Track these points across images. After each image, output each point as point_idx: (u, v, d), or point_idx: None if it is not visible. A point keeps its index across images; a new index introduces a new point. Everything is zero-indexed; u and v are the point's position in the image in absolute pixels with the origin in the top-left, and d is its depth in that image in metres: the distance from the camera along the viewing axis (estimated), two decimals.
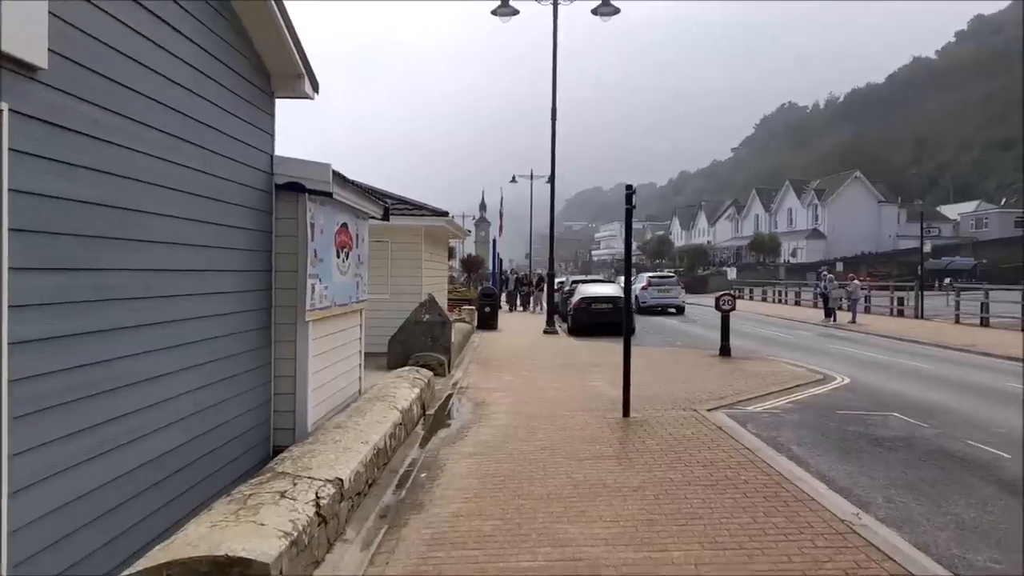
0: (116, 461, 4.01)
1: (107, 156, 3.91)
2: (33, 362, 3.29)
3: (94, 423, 3.80)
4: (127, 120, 4.11)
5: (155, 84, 4.42)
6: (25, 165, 3.22)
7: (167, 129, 4.62)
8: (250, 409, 6.06)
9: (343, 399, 7.75)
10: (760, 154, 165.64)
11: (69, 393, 3.58)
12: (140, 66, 4.24)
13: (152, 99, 4.40)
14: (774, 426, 8.15)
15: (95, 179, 3.80)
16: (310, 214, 6.40)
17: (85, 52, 3.67)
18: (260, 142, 6.13)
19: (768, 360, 14.44)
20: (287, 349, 6.47)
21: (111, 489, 3.95)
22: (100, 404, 3.86)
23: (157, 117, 4.47)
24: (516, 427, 8.03)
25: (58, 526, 3.46)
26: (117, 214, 4.06)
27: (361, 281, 8.46)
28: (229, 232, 5.61)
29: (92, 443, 3.77)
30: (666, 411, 8.78)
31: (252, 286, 6.05)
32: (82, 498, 3.65)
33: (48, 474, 3.39)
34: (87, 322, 3.74)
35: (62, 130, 3.50)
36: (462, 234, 20.15)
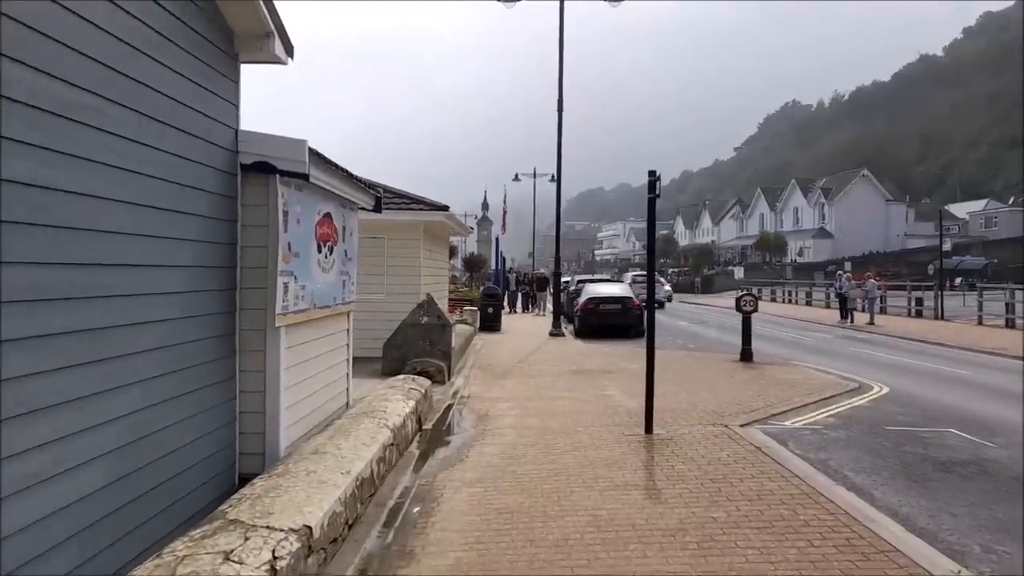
0: (15, 513, 3.04)
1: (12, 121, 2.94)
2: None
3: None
4: (50, 80, 3.14)
5: (83, 35, 3.44)
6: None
7: (97, 90, 3.65)
8: (210, 432, 5.07)
9: (326, 415, 6.76)
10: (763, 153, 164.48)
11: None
12: (58, 6, 3.27)
13: (80, 52, 3.44)
14: (820, 446, 7.13)
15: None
16: (282, 200, 5.40)
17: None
18: (221, 113, 5.14)
19: (793, 365, 13.43)
20: (255, 360, 5.47)
21: (5, 551, 2.98)
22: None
23: (84, 74, 3.51)
24: (524, 446, 7.04)
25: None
26: (31, 195, 3.09)
27: (348, 280, 7.47)
28: (182, 220, 4.62)
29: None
30: (693, 427, 7.77)
31: (211, 285, 5.06)
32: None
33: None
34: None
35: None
36: (464, 231, 19.15)
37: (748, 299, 13.72)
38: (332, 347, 7.03)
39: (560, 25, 19.24)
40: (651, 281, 7.95)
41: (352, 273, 7.63)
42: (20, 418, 3.15)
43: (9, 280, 3.08)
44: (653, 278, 8.00)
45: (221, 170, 5.16)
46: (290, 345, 5.73)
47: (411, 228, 13.48)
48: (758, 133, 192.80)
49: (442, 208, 13.54)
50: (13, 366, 3.10)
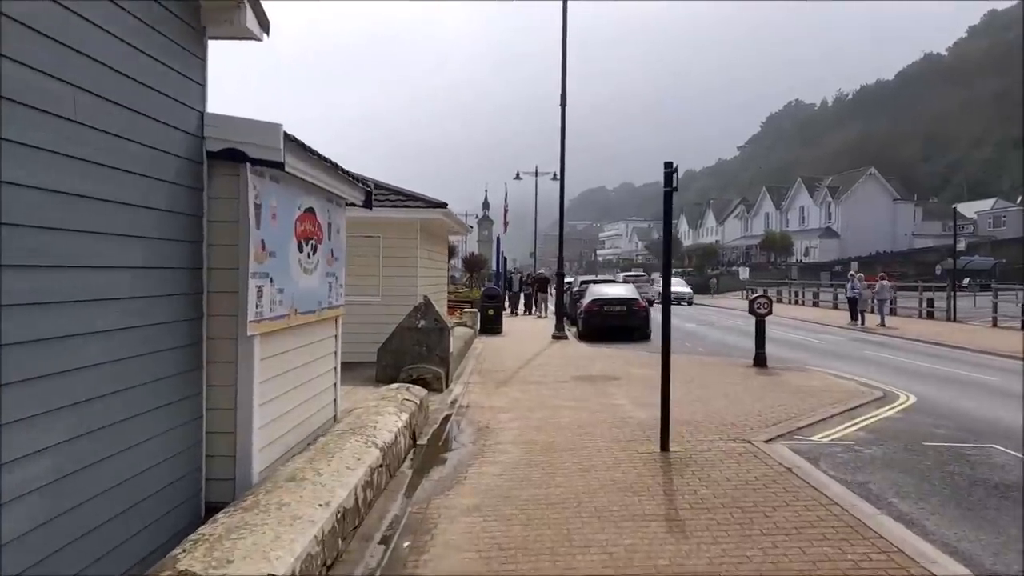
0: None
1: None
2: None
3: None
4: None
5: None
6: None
7: (35, 64, 3.04)
8: (170, 457, 4.43)
9: (310, 431, 6.11)
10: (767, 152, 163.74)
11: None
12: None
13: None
14: (855, 466, 6.47)
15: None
16: (254, 192, 4.77)
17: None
18: (183, 92, 4.50)
19: (809, 371, 12.77)
20: (225, 373, 4.84)
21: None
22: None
23: (16, 43, 2.90)
24: (528, 465, 6.39)
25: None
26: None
27: (336, 282, 6.83)
28: (134, 214, 3.99)
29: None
30: (712, 442, 7.12)
31: (172, 288, 4.42)
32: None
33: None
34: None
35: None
36: (463, 229, 18.51)
37: (762, 301, 13.07)
38: (317, 356, 6.39)
39: (564, 16, 18.60)
40: (667, 279, 7.29)
41: (340, 274, 6.99)
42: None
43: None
44: (669, 276, 7.33)
45: (183, 157, 4.51)
46: (266, 356, 5.09)
47: (407, 227, 12.85)
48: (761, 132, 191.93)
49: (440, 205, 12.90)
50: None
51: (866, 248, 66.49)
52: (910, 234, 71.96)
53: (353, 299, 12.24)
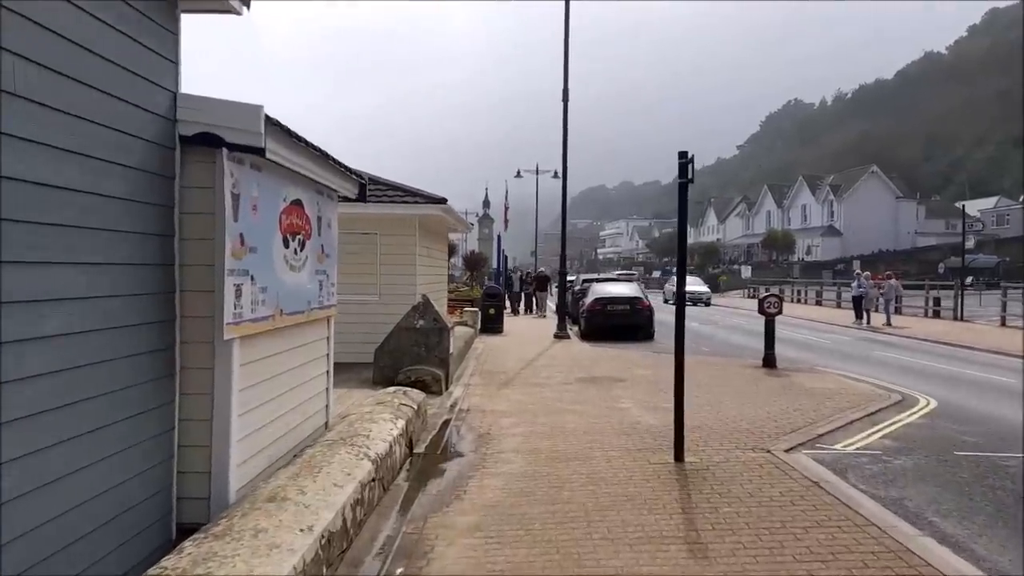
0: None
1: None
2: None
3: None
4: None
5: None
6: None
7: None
8: (137, 474, 3.98)
9: (297, 441, 5.66)
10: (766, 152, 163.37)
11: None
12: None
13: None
14: (887, 479, 6.02)
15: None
16: (231, 180, 4.31)
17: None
18: (153, 70, 4.04)
19: (821, 372, 12.32)
20: (200, 380, 4.38)
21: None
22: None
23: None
24: (533, 477, 5.94)
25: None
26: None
27: (327, 280, 6.38)
28: (97, 205, 3.55)
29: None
30: (729, 451, 6.67)
31: (139, 287, 3.97)
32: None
33: None
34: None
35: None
36: (463, 226, 18.06)
37: (772, 300, 12.62)
38: (305, 360, 5.93)
39: (566, 12, 18.13)
40: (682, 276, 6.83)
41: (331, 272, 6.54)
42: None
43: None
44: (684, 273, 6.86)
45: (152, 141, 4.06)
46: (247, 361, 4.64)
47: (406, 223, 12.40)
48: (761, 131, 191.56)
49: (439, 201, 12.44)
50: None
51: (868, 246, 66.07)
52: (913, 232, 71.51)
53: (350, 298, 11.84)
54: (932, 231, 71.13)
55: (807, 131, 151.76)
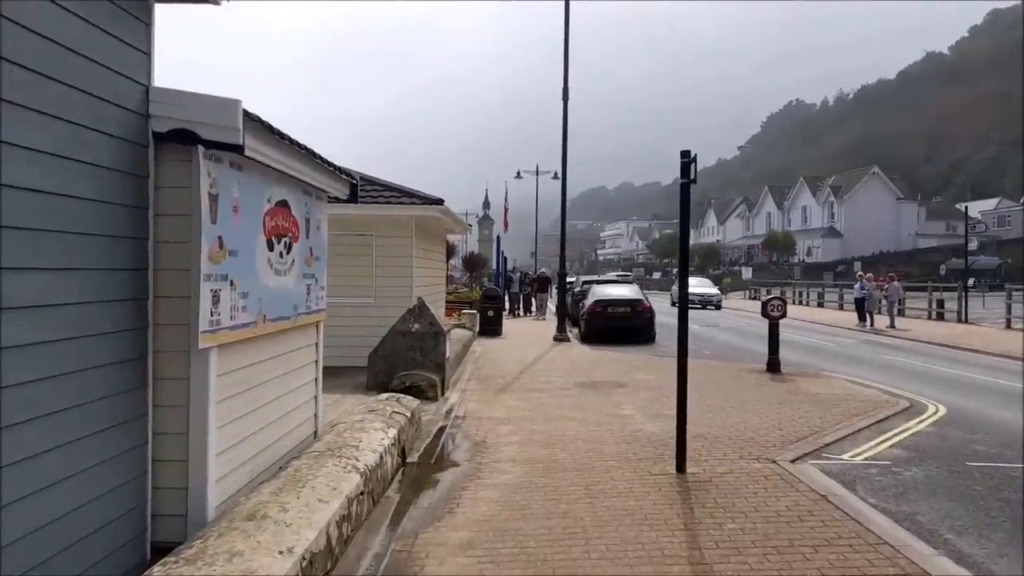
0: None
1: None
2: None
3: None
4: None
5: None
6: None
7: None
8: (109, 491, 3.75)
9: (282, 453, 5.42)
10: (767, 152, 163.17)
11: None
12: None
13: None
14: (897, 492, 5.77)
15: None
16: (209, 179, 4.07)
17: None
18: (123, 62, 3.81)
19: (825, 377, 12.08)
20: (175, 392, 4.15)
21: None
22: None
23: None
24: (529, 488, 5.71)
25: None
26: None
27: (315, 284, 6.14)
28: (63, 207, 3.33)
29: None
30: (733, 462, 6.43)
31: (109, 294, 3.74)
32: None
33: None
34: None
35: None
36: (461, 227, 17.81)
37: (776, 303, 12.36)
38: (292, 367, 5.70)
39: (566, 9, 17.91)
40: (684, 277, 6.58)
41: (320, 276, 6.31)
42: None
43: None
44: (687, 274, 6.61)
45: (123, 138, 3.83)
46: (226, 370, 4.41)
47: (402, 224, 12.16)
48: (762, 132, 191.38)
49: (436, 202, 12.21)
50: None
51: (869, 248, 65.85)
52: (914, 234, 71.27)
53: (344, 301, 11.62)
54: (933, 232, 70.88)
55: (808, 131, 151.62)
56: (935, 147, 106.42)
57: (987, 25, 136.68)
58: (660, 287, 61.35)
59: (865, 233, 67.62)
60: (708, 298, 35.39)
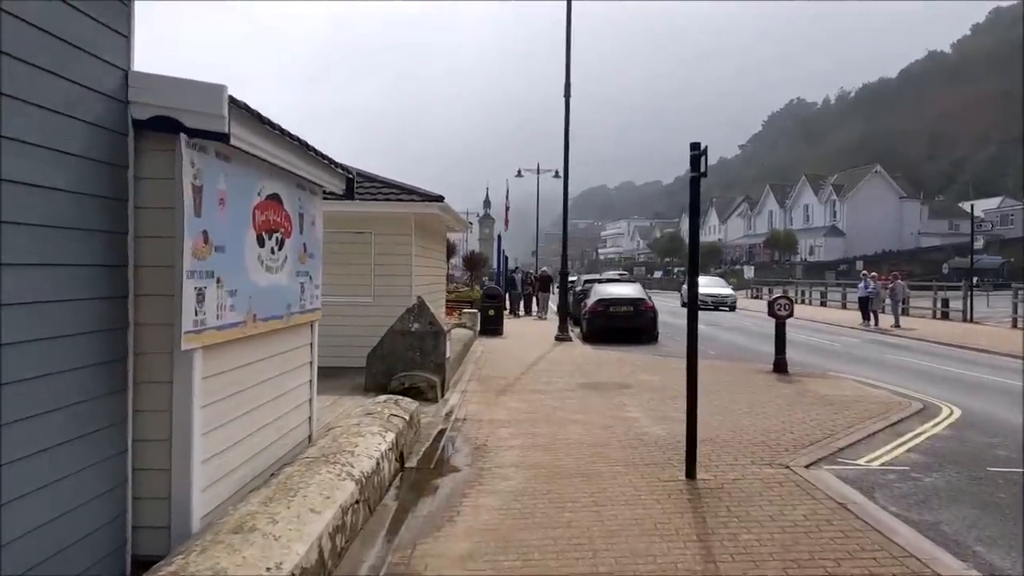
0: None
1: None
2: None
3: None
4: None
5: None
6: None
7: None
8: (85, 502, 3.51)
9: (274, 459, 5.18)
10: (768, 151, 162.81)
11: None
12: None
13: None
14: (919, 500, 5.51)
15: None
16: (193, 170, 3.83)
17: None
18: (99, 44, 3.56)
19: (833, 377, 11.83)
20: (157, 396, 3.90)
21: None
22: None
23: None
24: (531, 496, 5.46)
25: None
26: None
27: (310, 282, 5.89)
28: (35, 198, 3.09)
29: None
30: (744, 467, 6.18)
31: (86, 291, 3.50)
32: None
33: None
34: None
35: None
36: (462, 226, 17.56)
37: (783, 303, 12.12)
38: (285, 369, 5.45)
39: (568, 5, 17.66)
40: (693, 274, 6.33)
41: (315, 273, 6.06)
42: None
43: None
44: (696, 270, 6.36)
45: (100, 126, 3.58)
46: (212, 373, 4.16)
47: (401, 222, 11.91)
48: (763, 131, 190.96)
49: (436, 199, 11.96)
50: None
51: (871, 247, 65.54)
52: (916, 233, 70.95)
53: (342, 300, 11.37)
54: (935, 231, 70.58)
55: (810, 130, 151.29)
56: (937, 146, 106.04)
57: (989, 23, 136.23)
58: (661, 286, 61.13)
59: (867, 232, 67.31)
60: (722, 299, 32.66)
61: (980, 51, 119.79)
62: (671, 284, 66.26)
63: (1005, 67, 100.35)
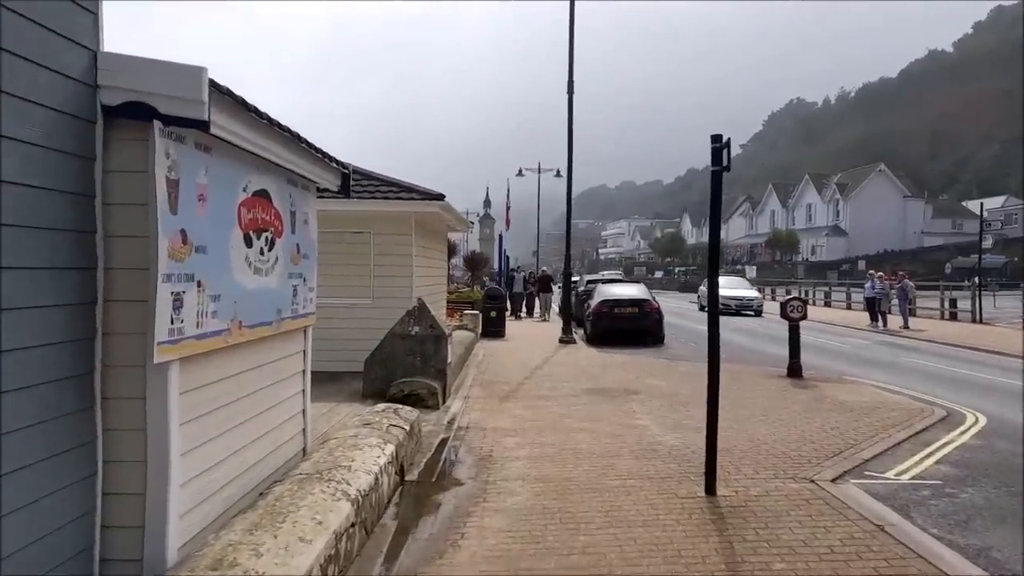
0: None
1: None
2: None
3: None
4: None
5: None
6: None
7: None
8: (48, 533, 3.12)
9: (263, 476, 4.78)
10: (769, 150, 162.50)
11: None
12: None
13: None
14: (960, 520, 5.12)
15: None
16: (168, 161, 3.44)
17: None
18: (67, 23, 3.18)
19: (849, 382, 11.44)
20: (129, 413, 3.51)
21: None
22: None
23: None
24: (541, 514, 5.08)
25: None
26: None
27: (303, 285, 5.50)
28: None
29: None
30: (767, 481, 5.79)
31: (48, 297, 3.11)
32: None
33: None
34: None
35: None
36: (463, 225, 17.17)
37: (796, 304, 11.73)
38: (276, 379, 5.06)
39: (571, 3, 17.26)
40: (714, 272, 5.96)
41: (309, 275, 5.67)
42: None
43: None
44: (716, 270, 5.99)
45: (64, 112, 3.20)
46: (192, 387, 3.77)
47: (401, 221, 11.53)
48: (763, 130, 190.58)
49: (437, 197, 11.57)
50: None
51: (874, 246, 65.09)
52: (919, 232, 70.51)
53: (340, 302, 10.99)
54: (939, 231, 70.16)
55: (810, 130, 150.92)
56: (939, 145, 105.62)
57: (991, 21, 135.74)
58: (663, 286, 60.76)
59: (870, 231, 66.87)
60: (746, 302, 28.58)
61: (982, 49, 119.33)
62: (672, 284, 65.88)
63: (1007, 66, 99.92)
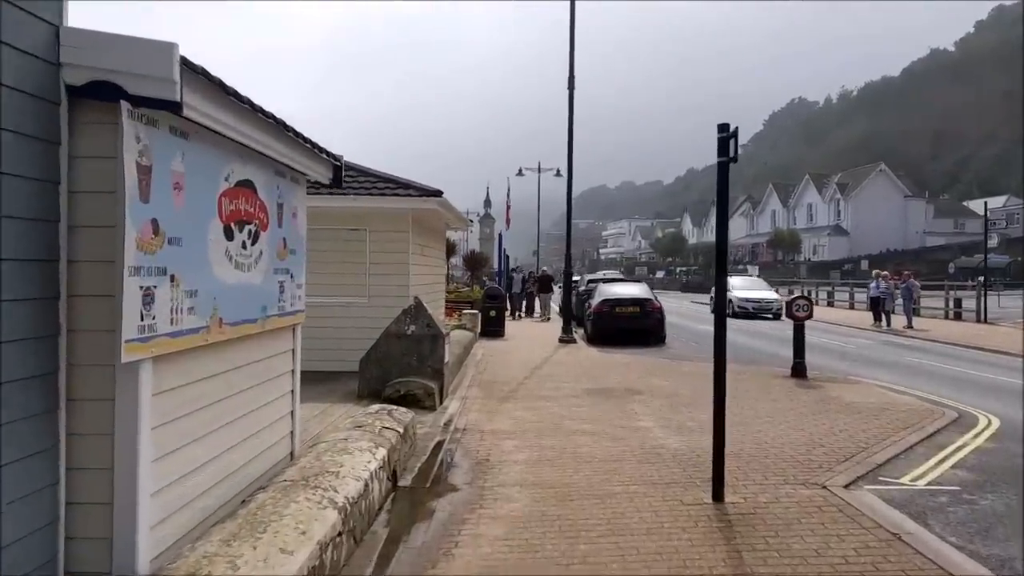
0: None
1: None
2: None
3: None
4: None
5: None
6: None
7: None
8: (9, 544, 2.88)
9: (245, 484, 4.53)
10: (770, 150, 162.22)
11: None
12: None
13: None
14: (980, 528, 4.87)
15: None
16: (139, 146, 3.19)
17: None
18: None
19: (856, 382, 11.19)
20: (96, 416, 3.27)
21: None
22: None
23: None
24: (541, 521, 4.83)
25: None
26: None
27: (290, 281, 5.26)
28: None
29: None
30: (776, 487, 5.55)
31: (5, 291, 2.87)
32: None
33: None
34: None
35: None
36: (462, 223, 16.94)
37: (802, 303, 11.49)
38: (261, 379, 4.81)
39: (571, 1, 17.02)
40: (722, 271, 5.71)
41: (297, 271, 5.43)
42: None
43: None
44: (724, 268, 5.75)
45: (24, 92, 2.95)
46: (166, 388, 3.52)
47: (398, 217, 11.28)
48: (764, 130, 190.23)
49: (434, 193, 11.32)
50: None
51: (876, 246, 64.81)
52: (921, 232, 70.23)
53: (335, 300, 10.75)
54: (941, 230, 69.88)
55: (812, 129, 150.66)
56: (940, 145, 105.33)
57: (992, 20, 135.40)
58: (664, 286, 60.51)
59: (872, 231, 66.59)
60: (764, 304, 26.17)
61: (984, 48, 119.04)
62: (674, 284, 65.65)
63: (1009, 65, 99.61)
